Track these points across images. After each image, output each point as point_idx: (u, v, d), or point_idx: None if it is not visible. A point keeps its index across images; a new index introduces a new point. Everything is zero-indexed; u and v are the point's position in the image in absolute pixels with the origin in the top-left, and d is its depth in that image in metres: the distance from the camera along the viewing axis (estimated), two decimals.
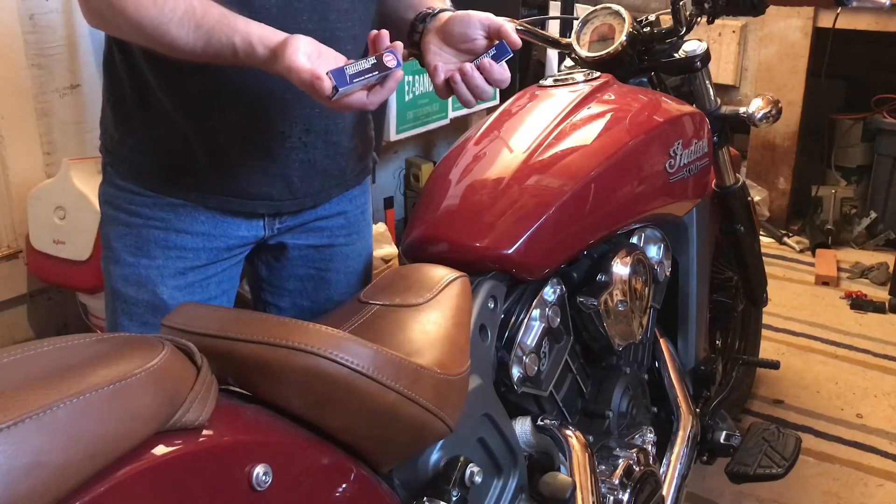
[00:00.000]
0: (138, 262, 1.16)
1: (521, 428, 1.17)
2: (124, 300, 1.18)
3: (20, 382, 0.61)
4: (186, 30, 0.96)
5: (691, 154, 1.45)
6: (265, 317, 0.86)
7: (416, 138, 2.97)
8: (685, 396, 1.56)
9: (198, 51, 0.97)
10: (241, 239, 1.21)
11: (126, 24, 0.98)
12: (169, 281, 1.17)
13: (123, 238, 1.16)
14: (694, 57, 1.62)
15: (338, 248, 1.31)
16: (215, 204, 1.16)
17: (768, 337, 2.53)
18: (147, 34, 0.97)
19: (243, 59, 0.97)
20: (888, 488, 1.94)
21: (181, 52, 0.98)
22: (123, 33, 1.02)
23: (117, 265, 1.17)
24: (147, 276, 1.16)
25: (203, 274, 1.20)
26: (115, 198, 1.17)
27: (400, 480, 0.97)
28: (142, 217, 1.15)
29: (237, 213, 1.18)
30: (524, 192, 1.22)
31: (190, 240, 1.17)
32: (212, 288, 1.21)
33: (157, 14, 0.95)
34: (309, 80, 0.93)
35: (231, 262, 1.23)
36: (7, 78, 2.07)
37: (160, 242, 1.16)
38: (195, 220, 1.16)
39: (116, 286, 1.18)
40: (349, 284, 1.34)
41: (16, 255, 2.20)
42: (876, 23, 3.07)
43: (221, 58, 0.98)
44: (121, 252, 1.17)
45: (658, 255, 1.48)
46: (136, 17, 0.96)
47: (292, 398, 0.82)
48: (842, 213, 3.39)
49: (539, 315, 1.21)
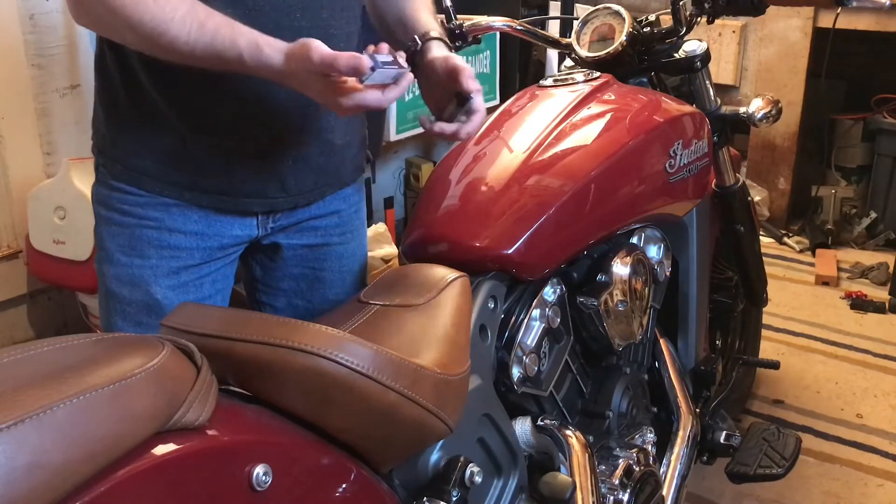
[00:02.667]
0: (131, 261, 1.16)
1: (521, 428, 1.17)
2: (118, 300, 1.17)
3: (20, 382, 0.61)
4: (188, 29, 0.96)
5: (691, 154, 1.45)
6: (265, 317, 0.86)
7: (416, 138, 2.97)
8: (685, 396, 1.56)
9: (198, 52, 0.97)
10: (235, 238, 1.21)
11: (122, 23, 0.97)
12: (163, 280, 1.16)
13: (116, 238, 1.16)
14: (694, 57, 1.62)
15: (332, 247, 1.31)
16: (208, 202, 1.16)
17: (768, 337, 2.53)
18: (145, 33, 0.96)
19: (247, 60, 0.96)
20: (888, 488, 1.94)
21: (179, 54, 0.97)
22: (117, 32, 1.01)
23: (111, 265, 1.17)
24: (141, 275, 1.16)
25: (196, 273, 1.19)
26: (108, 198, 1.17)
27: (400, 480, 0.97)
28: (135, 217, 1.15)
29: (230, 211, 1.18)
30: (524, 192, 1.22)
31: (183, 239, 1.17)
32: (206, 287, 1.21)
33: (157, 12, 0.95)
34: (349, 61, 0.92)
35: (225, 262, 1.23)
36: (7, 78, 2.07)
37: (153, 242, 1.16)
38: (188, 219, 1.16)
39: (110, 286, 1.17)
40: (344, 284, 1.34)
41: (16, 255, 2.20)
42: (876, 23, 3.07)
43: (221, 60, 0.97)
44: (114, 252, 1.17)
45: (658, 255, 1.48)
46: (136, 14, 0.95)
47: (292, 398, 0.81)
48: (842, 213, 3.39)
49: (539, 315, 1.21)
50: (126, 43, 1.03)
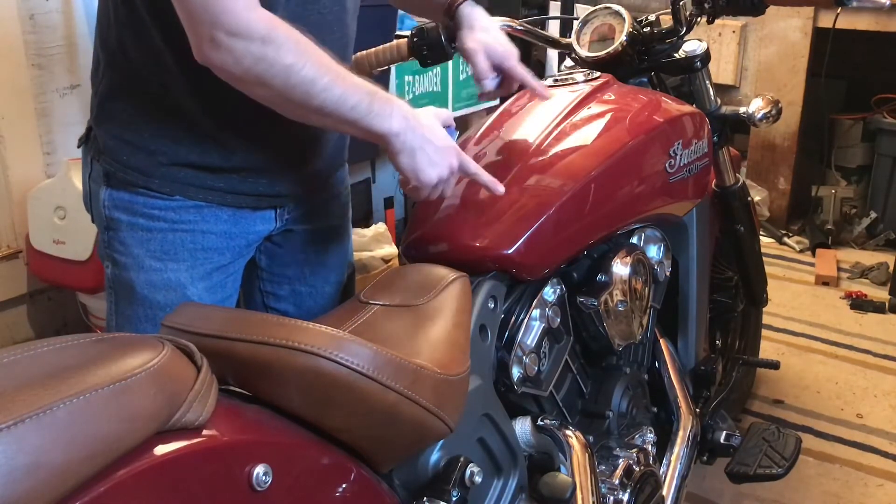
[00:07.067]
0: (165, 266, 1.15)
1: (521, 428, 1.17)
2: (150, 305, 1.16)
3: (20, 382, 0.61)
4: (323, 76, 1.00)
5: (691, 154, 1.45)
6: (265, 317, 0.86)
7: None
8: (685, 396, 1.56)
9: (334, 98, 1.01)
10: (258, 234, 1.23)
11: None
12: (199, 283, 1.16)
13: (146, 243, 1.14)
14: (694, 57, 1.62)
15: (334, 228, 1.36)
16: (236, 201, 1.17)
17: (768, 337, 2.53)
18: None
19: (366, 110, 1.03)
20: (888, 488, 1.94)
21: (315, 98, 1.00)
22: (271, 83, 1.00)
23: (141, 271, 1.15)
24: (177, 279, 1.15)
25: (225, 273, 1.20)
26: (131, 203, 1.14)
27: (400, 480, 0.97)
28: (166, 221, 1.14)
29: (253, 207, 1.19)
30: (524, 192, 1.22)
31: (215, 240, 1.17)
32: (229, 286, 1.22)
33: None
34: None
35: (245, 259, 1.25)
36: (7, 78, 2.07)
37: (187, 245, 1.15)
38: (219, 219, 1.16)
39: (142, 292, 1.15)
40: (341, 268, 1.39)
41: (16, 255, 2.21)
42: (876, 23, 3.07)
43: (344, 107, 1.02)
44: (144, 258, 1.14)
45: (658, 255, 1.48)
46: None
47: (292, 398, 0.81)
48: (842, 213, 3.39)
49: (539, 315, 1.21)
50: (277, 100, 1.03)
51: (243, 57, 0.95)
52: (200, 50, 0.96)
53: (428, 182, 1.09)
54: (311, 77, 0.98)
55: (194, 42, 0.96)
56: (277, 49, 0.95)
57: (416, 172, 1.08)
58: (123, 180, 1.14)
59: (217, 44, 0.94)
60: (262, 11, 0.96)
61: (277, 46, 0.95)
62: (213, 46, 0.95)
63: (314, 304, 1.36)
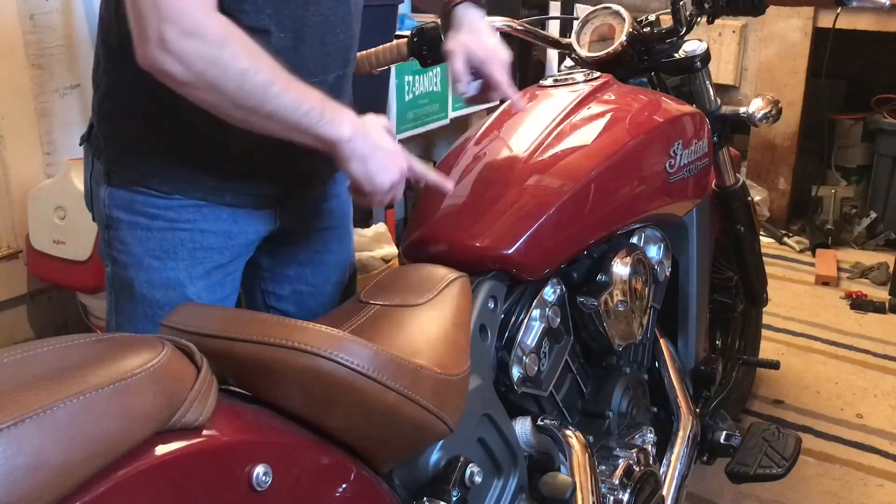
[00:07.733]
0: (165, 265, 1.15)
1: (521, 428, 1.17)
2: (150, 304, 1.16)
3: (20, 382, 0.61)
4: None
5: (691, 154, 1.45)
6: (265, 317, 0.86)
7: (416, 138, 2.97)
8: (685, 396, 1.56)
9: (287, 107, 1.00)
10: (257, 233, 1.23)
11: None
12: (198, 281, 1.17)
13: (146, 242, 1.15)
14: (694, 57, 1.62)
15: (335, 228, 1.35)
16: (235, 200, 1.17)
17: (768, 337, 2.53)
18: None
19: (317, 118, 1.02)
20: (888, 488, 1.94)
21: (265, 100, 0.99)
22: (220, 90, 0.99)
23: (141, 270, 1.15)
24: (176, 278, 1.15)
25: (224, 272, 1.20)
26: (131, 202, 1.14)
27: (400, 480, 0.97)
28: (165, 220, 1.14)
29: (253, 206, 1.19)
30: (524, 192, 1.22)
31: (214, 239, 1.17)
32: (228, 285, 1.22)
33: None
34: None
35: (245, 258, 1.25)
36: (7, 78, 2.07)
37: (186, 244, 1.15)
38: (218, 218, 1.16)
39: (142, 291, 1.15)
40: (342, 267, 1.39)
41: (16, 255, 2.21)
42: (876, 23, 3.07)
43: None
44: (143, 256, 1.15)
45: (658, 255, 1.48)
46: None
47: (292, 398, 0.81)
48: (842, 213, 3.39)
49: (539, 315, 1.21)
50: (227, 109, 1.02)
51: (196, 60, 0.93)
52: (146, 52, 0.93)
53: (381, 186, 1.09)
54: (265, 82, 0.96)
55: (140, 43, 0.94)
56: (234, 53, 0.94)
57: (370, 178, 1.07)
58: (124, 179, 1.14)
59: (167, 46, 0.92)
60: (219, 15, 0.95)
61: (233, 50, 0.94)
62: (161, 49, 0.92)
63: (315, 303, 1.36)
